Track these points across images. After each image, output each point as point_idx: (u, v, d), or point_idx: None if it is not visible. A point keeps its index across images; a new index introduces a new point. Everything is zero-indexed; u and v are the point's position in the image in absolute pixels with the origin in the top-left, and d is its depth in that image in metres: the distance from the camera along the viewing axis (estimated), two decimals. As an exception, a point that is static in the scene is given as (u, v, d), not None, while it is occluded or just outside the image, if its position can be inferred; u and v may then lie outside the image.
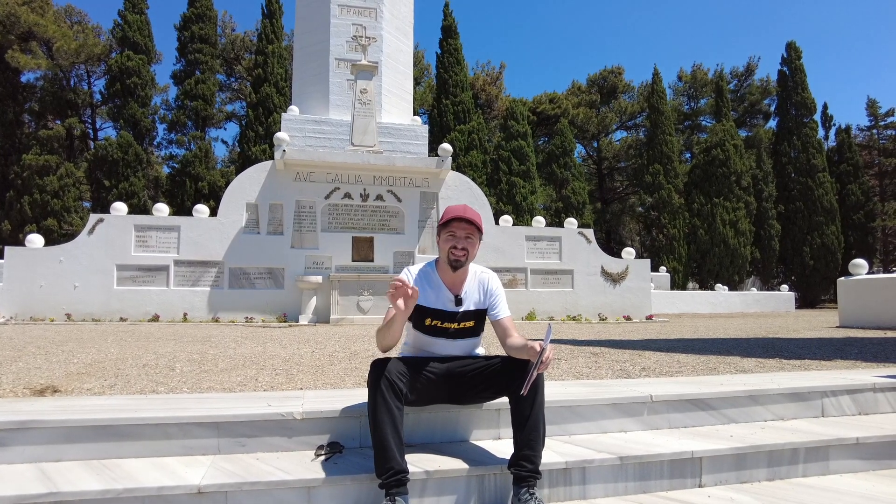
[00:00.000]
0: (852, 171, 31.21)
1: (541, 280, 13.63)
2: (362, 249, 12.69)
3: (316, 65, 14.75)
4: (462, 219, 2.43)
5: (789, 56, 31.08)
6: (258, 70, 24.40)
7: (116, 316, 11.51)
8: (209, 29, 25.94)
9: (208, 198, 23.58)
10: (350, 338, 7.37)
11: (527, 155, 25.27)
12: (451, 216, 2.45)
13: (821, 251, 28.32)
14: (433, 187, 13.38)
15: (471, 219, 2.44)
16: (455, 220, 2.44)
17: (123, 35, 24.44)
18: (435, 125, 25.81)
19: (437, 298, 2.49)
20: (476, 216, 2.48)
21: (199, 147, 24.45)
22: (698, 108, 37.27)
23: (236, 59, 33.47)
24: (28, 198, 22.29)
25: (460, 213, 2.44)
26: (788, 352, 5.81)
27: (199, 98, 25.18)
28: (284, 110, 18.99)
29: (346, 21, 14.54)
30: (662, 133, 28.15)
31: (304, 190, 12.69)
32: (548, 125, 34.56)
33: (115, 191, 22.47)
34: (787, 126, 30.40)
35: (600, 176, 38.08)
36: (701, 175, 27.70)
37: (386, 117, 14.61)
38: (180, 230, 12.14)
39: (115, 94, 24.24)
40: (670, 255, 26.17)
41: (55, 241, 20.99)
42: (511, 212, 23.22)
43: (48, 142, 24.00)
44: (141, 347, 5.99)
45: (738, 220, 26.62)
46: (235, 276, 12.19)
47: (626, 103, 37.04)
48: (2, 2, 24.02)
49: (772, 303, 21.81)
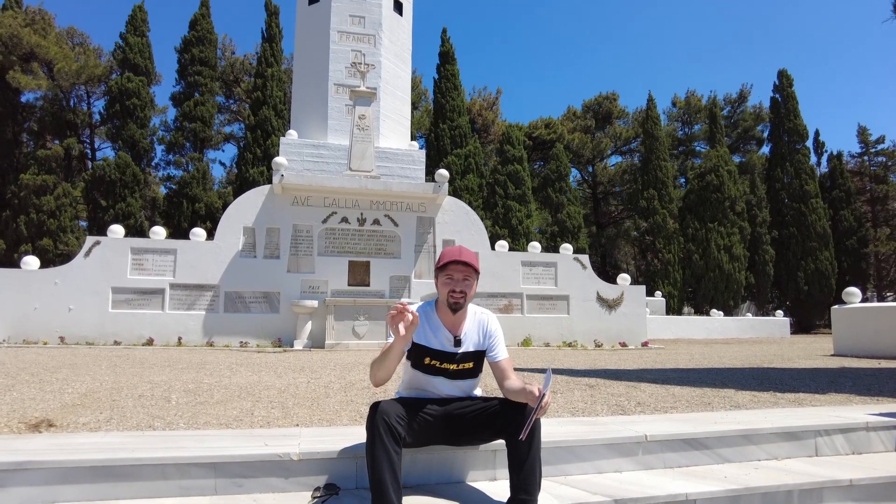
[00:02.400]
0: (844, 197, 31.56)
1: (536, 306, 13.65)
2: (358, 274, 12.71)
3: (315, 89, 14.93)
4: (459, 262, 2.47)
5: (781, 83, 31.61)
6: (257, 93, 24.64)
7: (111, 339, 11.45)
8: (209, 52, 26.23)
9: (205, 219, 23.62)
10: (345, 366, 7.36)
11: (522, 179, 25.47)
12: (448, 259, 2.48)
13: (815, 276, 28.49)
14: (430, 212, 13.47)
15: (467, 261, 2.48)
16: (452, 263, 2.48)
17: (124, 57, 24.69)
18: (432, 149, 26.03)
19: (437, 339, 2.52)
20: (472, 258, 2.52)
21: (197, 168, 24.56)
22: (692, 134, 37.72)
23: (235, 82, 33.80)
24: (24, 217, 22.26)
25: (456, 256, 2.48)
26: (783, 384, 5.84)
27: (198, 120, 25.36)
28: (283, 133, 19.13)
29: (346, 47, 14.76)
30: (657, 158, 28.46)
31: (301, 214, 12.75)
32: (543, 150, 34.90)
33: (111, 211, 22.48)
34: (780, 152, 30.80)
35: (595, 200, 38.34)
36: (695, 200, 27.96)
37: (384, 142, 14.75)
38: (177, 253, 12.15)
39: (114, 114, 24.39)
40: (665, 280, 26.27)
41: (50, 261, 20.93)
42: (507, 235, 23.33)
43: (46, 161, 24.06)
44: (136, 375, 5.97)
45: (733, 246, 26.79)
46: (231, 299, 12.18)
47: (620, 129, 37.49)
48: (5, 23, 24.25)
49: (767, 328, 21.86)
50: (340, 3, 14.86)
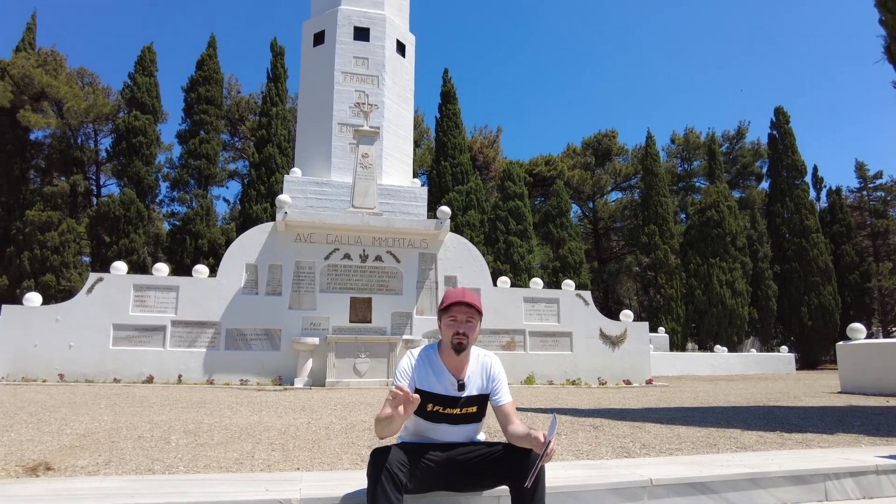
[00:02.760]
0: (845, 231, 31.63)
1: (539, 342, 13.57)
2: (360, 310, 12.68)
3: (319, 128, 15.18)
4: (462, 303, 2.48)
5: (778, 120, 32.07)
6: (262, 131, 25.04)
7: (110, 377, 11.36)
8: (215, 91, 26.76)
9: (208, 255, 23.70)
10: (346, 405, 7.28)
11: (524, 215, 25.63)
12: (452, 301, 2.49)
13: (818, 311, 28.33)
14: (432, 248, 13.52)
15: (471, 302, 2.49)
16: (455, 304, 2.48)
17: (132, 96, 25.20)
18: (434, 185, 26.29)
19: (440, 383, 2.51)
20: (476, 299, 2.53)
21: (201, 205, 24.77)
22: (692, 170, 38.08)
23: (240, 120, 34.38)
24: (28, 253, 22.36)
25: (460, 298, 2.48)
26: (790, 423, 5.76)
27: (203, 157, 25.70)
28: (287, 170, 19.38)
29: (350, 88, 15.07)
30: (657, 194, 28.68)
31: (303, 251, 12.81)
32: (544, 186, 35.22)
33: (115, 247, 22.60)
34: (780, 188, 31.03)
35: (596, 235, 38.47)
36: (696, 235, 28.04)
37: (386, 179, 14.92)
38: (179, 290, 12.16)
39: (120, 152, 24.75)
40: (668, 316, 26.14)
41: (52, 296, 20.93)
42: (509, 271, 23.34)
43: (52, 198, 24.30)
44: (135, 415, 5.91)
45: (735, 281, 26.74)
46: (232, 337, 12.13)
47: (620, 165, 37.89)
48: (18, 64, 24.84)
49: (772, 364, 21.63)
50: (345, 45, 15.24)
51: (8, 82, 24.12)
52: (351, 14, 15.47)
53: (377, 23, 15.56)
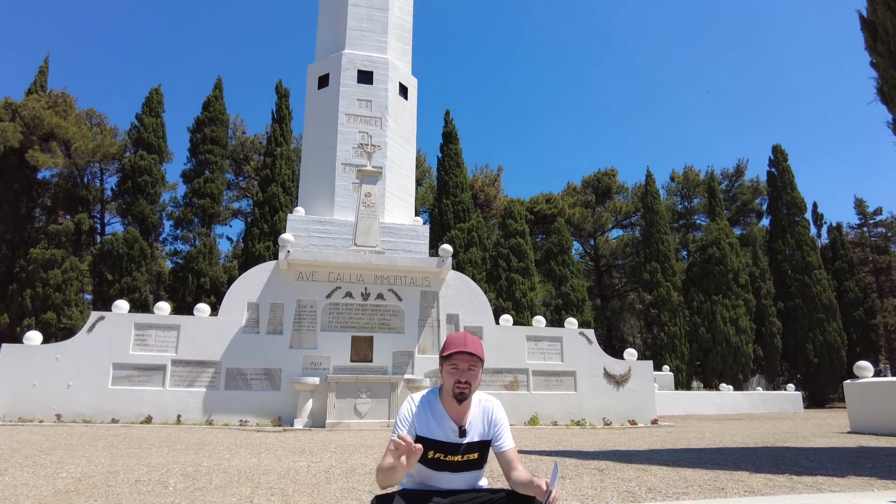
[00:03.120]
0: (847, 268, 31.59)
1: (543, 382, 13.41)
2: (361, 349, 12.60)
3: (322, 168, 15.39)
4: (464, 352, 2.45)
5: (776, 158, 32.41)
6: (266, 171, 25.36)
7: (108, 417, 11.22)
8: (221, 131, 27.22)
9: (209, 293, 23.69)
10: (346, 448, 7.16)
11: (525, 252, 25.69)
12: (453, 349, 2.46)
13: (824, 348, 28.04)
14: (434, 286, 13.51)
15: (472, 351, 2.45)
16: (457, 353, 2.46)
17: (139, 136, 25.64)
18: (436, 223, 26.47)
19: (441, 429, 2.47)
20: (478, 347, 2.50)
21: (204, 243, 24.90)
22: (692, 208, 38.31)
23: (245, 160, 34.86)
24: (30, 291, 22.38)
25: (461, 346, 2.45)
26: (799, 465, 5.65)
27: (207, 196, 25.97)
28: (290, 209, 19.53)
29: (353, 129, 15.34)
30: (658, 232, 28.77)
31: (305, 289, 12.81)
32: (545, 223, 35.39)
33: (117, 285, 22.62)
34: (780, 224, 31.14)
35: (598, 273, 38.44)
36: (698, 273, 28.01)
37: (389, 217, 15.03)
38: (180, 329, 12.12)
39: (125, 190, 25.04)
40: (672, 354, 25.89)
41: (52, 335, 20.85)
42: (511, 308, 23.25)
43: (56, 236, 24.48)
44: (133, 456, 5.82)
45: (739, 318, 26.58)
46: (232, 376, 12.02)
47: (620, 203, 38.14)
48: (29, 106, 25.38)
49: (779, 403, 21.30)
50: (348, 88, 15.59)
51: (18, 123, 24.60)
52: (355, 58, 15.87)
53: (380, 67, 15.95)
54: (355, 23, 16.29)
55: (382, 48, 16.28)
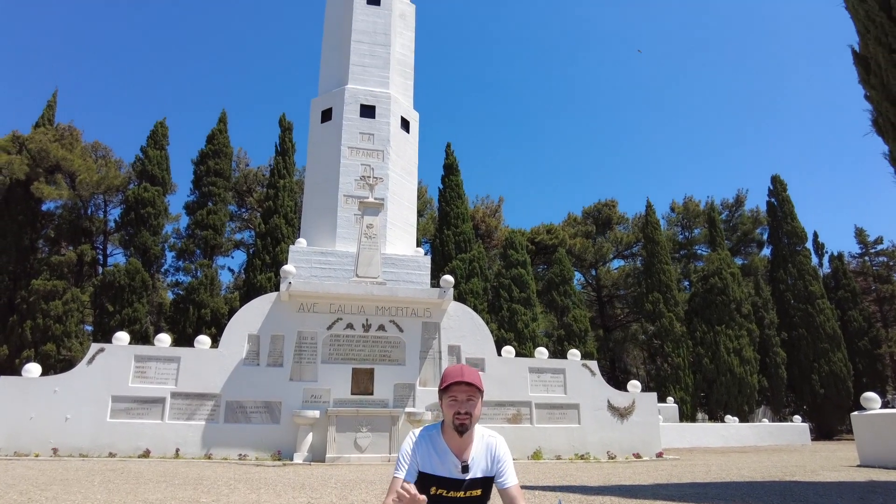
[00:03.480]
0: (851, 297, 31.45)
1: (546, 415, 13.24)
2: (362, 382, 12.49)
3: (325, 200, 15.50)
4: (462, 382, 2.45)
5: (775, 188, 32.60)
6: (269, 202, 25.55)
7: (106, 451, 11.07)
8: (224, 164, 27.51)
9: (210, 325, 23.60)
10: (347, 484, 7.05)
11: (527, 283, 25.66)
12: (451, 380, 2.46)
13: (830, 379, 27.73)
14: (435, 317, 13.47)
15: (470, 381, 2.45)
16: (455, 384, 2.45)
17: (143, 168, 25.91)
18: (437, 254, 26.53)
19: (443, 465, 2.45)
20: (475, 376, 2.49)
21: (206, 275, 24.92)
22: (693, 238, 38.38)
23: (248, 192, 35.13)
24: (30, 322, 22.31)
25: (458, 377, 2.45)
26: (807, 500, 5.54)
27: (210, 228, 26.09)
28: (292, 240, 19.59)
29: (355, 162, 15.52)
30: (659, 262, 28.77)
31: (306, 321, 12.77)
32: (546, 254, 35.43)
33: (118, 316, 22.56)
34: (782, 254, 31.14)
35: (600, 303, 38.31)
36: (701, 303, 27.90)
37: (390, 248, 15.08)
38: (180, 361, 12.05)
39: (128, 222, 25.18)
40: (676, 385, 25.61)
41: (52, 366, 20.72)
42: (513, 339, 23.12)
43: (58, 267, 24.51)
44: (130, 492, 5.74)
45: (742, 348, 26.37)
46: (232, 409, 11.90)
47: (621, 234, 38.25)
48: (36, 139, 25.72)
49: (786, 435, 20.97)
50: (351, 122, 15.82)
51: (25, 156, 24.90)
52: (357, 93, 16.15)
53: (382, 101, 16.22)
54: (358, 58, 16.64)
55: (384, 83, 16.58)
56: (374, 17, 17.21)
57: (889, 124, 9.60)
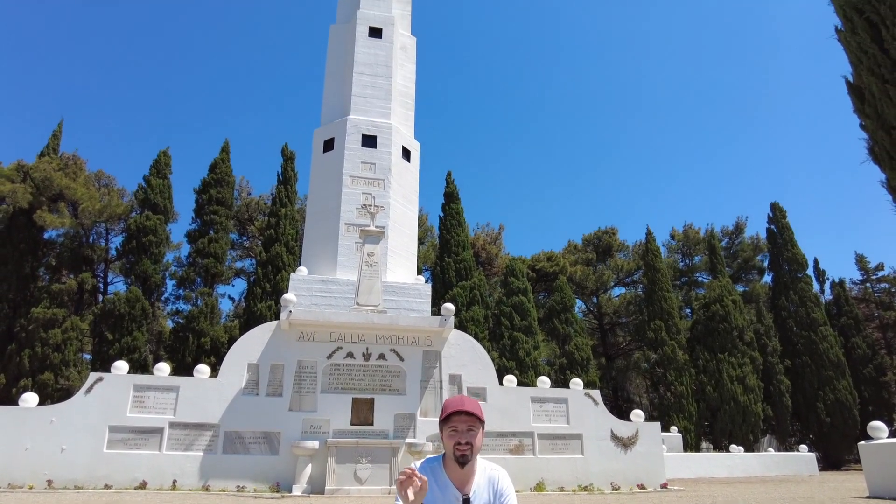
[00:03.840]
0: (854, 324, 31.26)
1: (549, 445, 13.05)
2: (362, 412, 12.35)
3: (326, 228, 15.57)
4: (462, 412, 2.44)
5: (774, 215, 32.71)
6: (270, 231, 25.64)
7: (101, 482, 10.89)
8: (226, 193, 27.67)
9: (210, 353, 23.46)
10: (347, 515, 6.92)
11: (528, 310, 25.57)
12: (450, 411, 2.45)
13: (835, 407, 27.39)
14: (436, 346, 13.38)
15: (470, 411, 2.44)
16: (454, 414, 2.44)
17: (145, 197, 26.05)
18: (438, 282, 26.50)
19: (444, 498, 2.42)
20: (475, 406, 2.48)
21: (206, 303, 24.86)
22: (693, 265, 38.34)
23: (250, 220, 35.27)
24: (28, 351, 22.17)
25: (458, 407, 2.44)
26: (816, 536, 5.42)
27: (211, 256, 26.11)
28: (293, 269, 19.59)
29: (357, 190, 15.63)
30: (660, 289, 28.69)
31: (306, 350, 12.69)
32: (547, 281, 35.38)
33: (117, 345, 22.43)
34: (783, 281, 31.08)
35: (602, 331, 38.10)
36: (703, 331, 27.74)
37: (391, 276, 15.07)
38: (179, 390, 11.94)
39: (129, 250, 25.20)
40: (680, 414, 25.30)
41: (49, 396, 20.52)
42: (514, 368, 22.94)
43: (58, 295, 24.45)
44: (125, 528, 5.62)
45: (746, 376, 26.12)
46: (230, 439, 11.74)
47: (622, 261, 38.23)
48: (40, 168, 25.94)
49: (792, 465, 20.62)
50: (353, 152, 15.99)
51: (29, 185, 25.08)
52: (359, 123, 16.36)
53: (384, 131, 16.42)
54: (360, 90, 16.90)
55: (386, 114, 16.80)
56: (375, 49, 17.54)
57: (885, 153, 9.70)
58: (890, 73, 9.19)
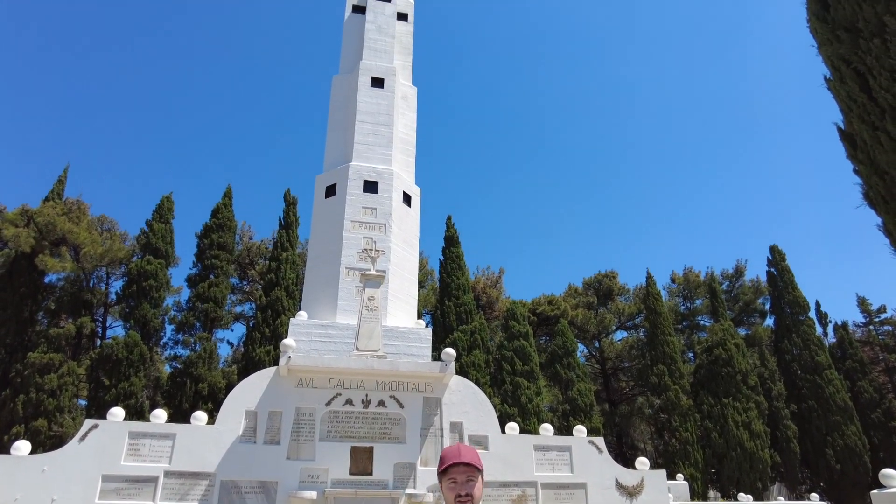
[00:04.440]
0: (859, 367, 30.92)
1: (552, 496, 12.71)
2: (361, 461, 12.09)
3: (327, 272, 15.60)
4: (460, 463, 2.42)
5: (774, 258, 32.82)
6: (271, 275, 25.68)
7: (91, 536, 10.56)
8: (228, 237, 27.84)
9: (207, 399, 23.15)
10: (345, 571, 6.70)
11: (529, 355, 25.36)
12: (449, 462, 2.44)
13: (846, 453, 26.81)
14: (436, 392, 13.21)
15: (469, 461, 2.43)
16: (453, 465, 2.43)
17: (147, 241, 26.20)
18: (438, 325, 26.38)
19: (449, 551, 2.38)
20: (473, 456, 2.47)
21: (205, 348, 24.68)
22: (695, 309, 38.21)
23: (250, 265, 35.36)
24: (23, 396, 21.86)
25: (456, 458, 2.43)
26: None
27: (211, 300, 26.06)
28: (293, 313, 19.54)
29: (358, 235, 15.74)
30: (662, 333, 28.52)
31: (305, 396, 12.51)
32: (548, 325, 35.20)
33: (113, 390, 22.15)
34: (785, 324, 30.92)
35: (605, 376, 37.66)
36: (706, 375, 27.44)
37: (391, 320, 15.01)
38: (175, 438, 11.71)
39: (129, 294, 25.17)
40: (686, 461, 24.75)
41: (41, 443, 20.14)
42: (517, 414, 22.58)
43: (56, 340, 24.30)
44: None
45: (751, 421, 25.67)
46: (226, 490, 11.45)
47: (623, 305, 38.13)
48: (44, 213, 26.20)
49: (804, 516, 20.00)
50: (354, 197, 16.18)
51: (32, 229, 25.29)
52: (361, 169, 16.63)
53: (385, 177, 16.67)
54: (362, 137, 17.25)
55: (387, 160, 17.10)
56: (377, 98, 17.99)
57: (880, 197, 9.84)
58: (880, 120, 9.40)
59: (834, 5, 9.19)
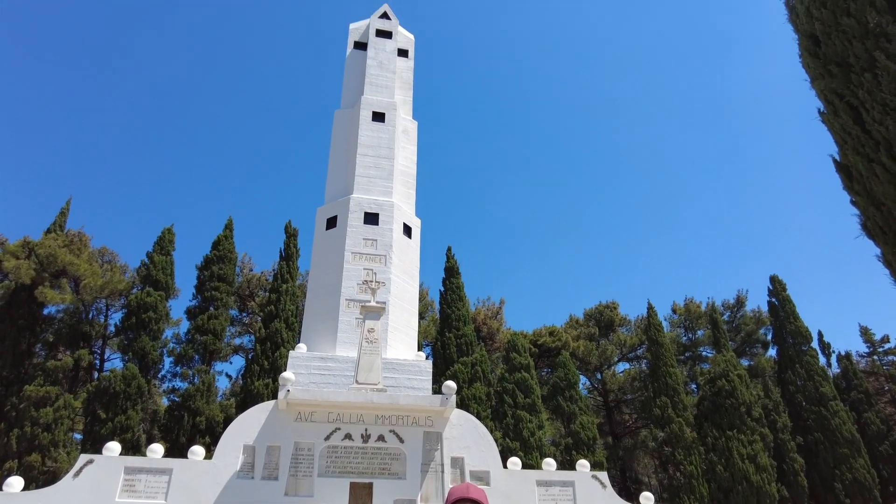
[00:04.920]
0: (864, 398, 30.55)
1: (555, 533, 12.45)
2: (360, 497, 11.87)
3: (327, 304, 15.58)
4: (467, 499, 2.44)
5: (774, 288, 32.76)
6: (270, 307, 25.60)
7: (83, 577, 10.31)
8: (228, 269, 27.83)
9: (205, 433, 22.84)
10: None
11: (531, 387, 25.11)
12: (456, 498, 2.45)
13: (855, 488, 26.28)
14: (437, 426, 13.05)
15: (476, 498, 2.44)
16: (460, 501, 2.44)
17: (147, 273, 26.18)
18: (438, 357, 26.20)
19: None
20: (481, 495, 2.49)
21: (203, 381, 24.44)
22: (696, 339, 37.97)
23: (250, 296, 35.29)
24: (17, 430, 21.54)
25: (464, 494, 2.45)
26: None
27: (210, 332, 25.92)
28: (292, 345, 19.44)
29: (358, 266, 15.78)
30: (664, 365, 28.29)
31: (303, 430, 12.36)
32: (549, 357, 34.95)
33: (110, 424, 21.84)
34: (788, 354, 30.69)
35: (608, 409, 37.21)
36: (710, 407, 27.11)
37: (391, 353, 14.92)
38: (172, 473, 11.53)
39: (129, 327, 25.03)
40: (691, 496, 24.27)
41: (34, 479, 19.79)
42: (519, 448, 22.25)
43: (53, 373, 24.07)
44: None
45: (757, 454, 25.24)
46: (222, 527, 11.22)
47: (624, 336, 37.91)
48: (46, 244, 26.27)
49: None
50: (355, 229, 16.29)
51: (33, 261, 25.32)
52: (362, 202, 16.77)
53: (386, 209, 16.81)
54: (363, 170, 17.46)
55: (388, 192, 17.27)
56: (378, 132, 18.27)
57: (877, 227, 9.89)
58: (874, 152, 9.52)
59: (825, 41, 9.40)
